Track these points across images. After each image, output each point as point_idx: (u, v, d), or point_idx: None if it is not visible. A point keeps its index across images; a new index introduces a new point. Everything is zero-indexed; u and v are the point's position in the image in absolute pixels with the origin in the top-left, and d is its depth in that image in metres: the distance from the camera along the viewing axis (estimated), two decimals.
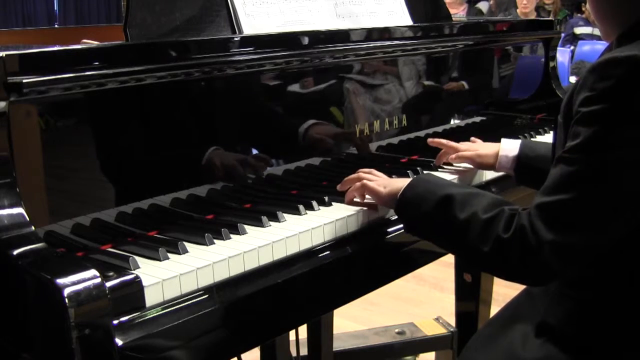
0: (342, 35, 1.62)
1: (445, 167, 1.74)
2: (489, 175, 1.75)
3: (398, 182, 1.38)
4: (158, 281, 1.06)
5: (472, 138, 1.78)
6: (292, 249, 1.27)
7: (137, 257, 1.13)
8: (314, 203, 1.41)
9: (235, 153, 1.43)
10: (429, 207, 1.27)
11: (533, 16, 6.04)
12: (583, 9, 8.14)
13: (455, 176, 1.66)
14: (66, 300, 0.89)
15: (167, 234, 1.27)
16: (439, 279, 3.62)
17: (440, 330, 2.46)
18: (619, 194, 1.09)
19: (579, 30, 7.40)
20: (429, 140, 1.77)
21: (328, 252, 1.31)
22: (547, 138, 2.13)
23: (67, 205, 1.18)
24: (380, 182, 1.42)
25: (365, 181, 1.42)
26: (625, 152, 1.08)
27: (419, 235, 1.37)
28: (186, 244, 1.19)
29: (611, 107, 1.08)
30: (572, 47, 6.99)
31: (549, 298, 1.29)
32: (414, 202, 1.30)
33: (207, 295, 1.11)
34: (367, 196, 1.44)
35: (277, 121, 1.54)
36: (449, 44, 1.94)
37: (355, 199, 1.44)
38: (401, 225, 1.39)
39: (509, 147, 1.64)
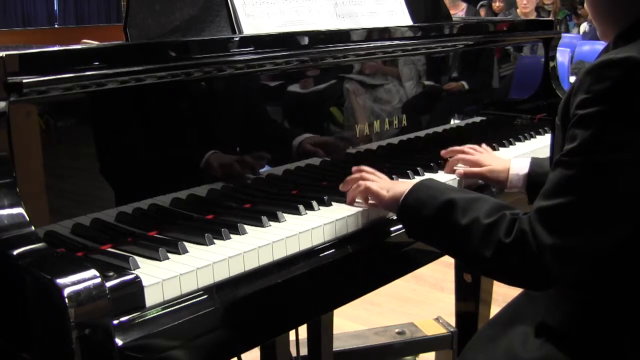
0: (342, 35, 1.62)
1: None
2: None
3: (400, 186, 1.37)
4: (158, 281, 1.06)
5: (484, 145, 1.75)
6: (292, 249, 1.27)
7: (137, 257, 1.12)
8: (314, 203, 1.41)
9: (235, 153, 1.43)
10: (430, 212, 1.27)
11: (533, 16, 6.05)
12: (579, 11, 8.13)
13: (456, 178, 1.66)
14: (66, 300, 0.89)
15: (167, 234, 1.27)
16: (439, 279, 3.61)
17: (440, 330, 2.46)
18: (617, 197, 1.09)
19: None
20: (442, 152, 1.75)
21: (328, 252, 1.31)
22: (547, 138, 2.14)
23: (67, 205, 1.18)
24: (383, 185, 1.41)
25: (368, 183, 1.42)
26: (623, 154, 1.07)
27: (421, 240, 1.37)
28: (186, 244, 1.19)
29: (607, 110, 1.07)
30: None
31: (548, 299, 1.29)
32: (415, 207, 1.30)
33: (207, 295, 1.11)
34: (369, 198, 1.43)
35: (277, 121, 1.54)
36: (449, 44, 1.94)
37: (357, 200, 1.44)
38: (401, 225, 1.39)
39: (519, 165, 1.60)
